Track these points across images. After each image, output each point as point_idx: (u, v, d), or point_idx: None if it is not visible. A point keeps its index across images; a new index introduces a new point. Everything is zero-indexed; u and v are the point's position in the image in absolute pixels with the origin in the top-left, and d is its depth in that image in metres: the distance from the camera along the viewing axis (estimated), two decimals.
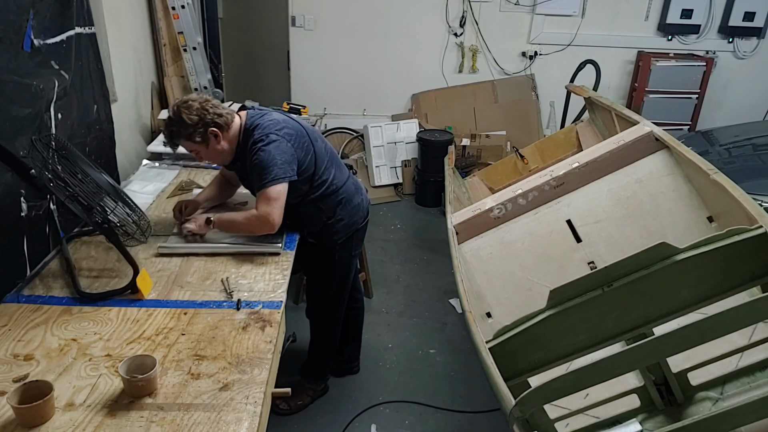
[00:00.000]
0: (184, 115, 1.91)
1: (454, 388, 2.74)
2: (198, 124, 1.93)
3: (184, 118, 1.92)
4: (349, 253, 2.33)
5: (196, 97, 1.97)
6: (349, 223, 2.25)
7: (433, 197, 4.70)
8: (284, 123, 2.03)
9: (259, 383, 1.44)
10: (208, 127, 1.94)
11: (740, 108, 5.27)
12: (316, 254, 2.29)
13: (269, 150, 1.94)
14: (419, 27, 5.07)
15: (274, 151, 1.94)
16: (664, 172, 2.40)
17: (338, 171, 2.22)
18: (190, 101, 1.94)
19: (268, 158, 1.93)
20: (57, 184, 1.60)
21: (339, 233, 2.24)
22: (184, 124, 1.92)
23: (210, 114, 1.94)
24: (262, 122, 2.00)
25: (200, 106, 1.93)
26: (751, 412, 1.28)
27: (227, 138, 2.00)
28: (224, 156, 2.05)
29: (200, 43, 3.53)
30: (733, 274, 1.66)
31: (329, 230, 2.22)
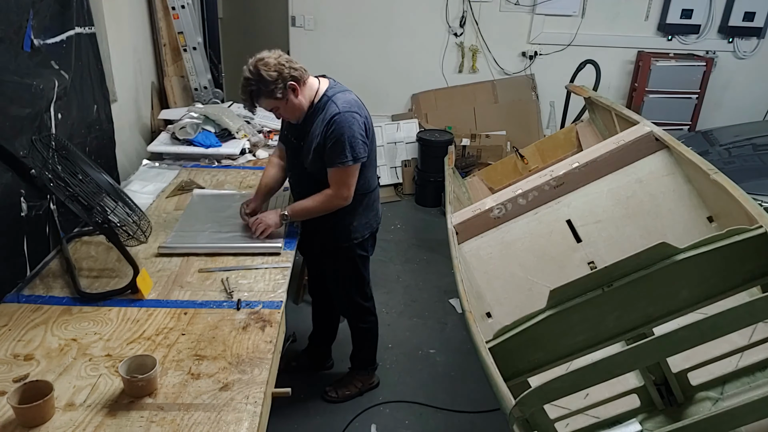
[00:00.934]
0: (263, 71, 1.91)
1: (454, 388, 2.74)
2: (278, 80, 1.92)
3: (264, 75, 1.91)
4: (365, 251, 2.35)
5: (270, 53, 1.96)
6: (365, 223, 2.26)
7: (433, 197, 4.70)
8: (363, 106, 2.08)
9: (259, 383, 1.44)
10: (287, 81, 1.94)
11: (740, 108, 5.27)
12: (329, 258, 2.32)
13: (353, 127, 1.97)
14: (419, 27, 5.07)
15: (357, 130, 1.98)
16: (664, 172, 2.40)
17: (374, 172, 2.24)
18: (266, 58, 1.94)
19: (353, 135, 1.97)
20: (57, 184, 1.60)
21: (356, 232, 2.24)
22: (264, 81, 1.91)
23: (287, 68, 1.94)
24: (346, 98, 2.02)
25: (276, 62, 1.93)
26: (751, 412, 1.28)
27: (304, 93, 2.01)
28: (301, 111, 2.04)
29: (200, 43, 3.53)
30: (733, 274, 1.66)
31: (346, 227, 2.21)
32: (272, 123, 3.45)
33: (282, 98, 1.96)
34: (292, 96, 1.97)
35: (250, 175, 2.78)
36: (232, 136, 3.08)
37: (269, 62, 1.92)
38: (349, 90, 2.11)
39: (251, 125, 3.27)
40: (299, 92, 1.99)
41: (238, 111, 3.42)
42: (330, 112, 1.98)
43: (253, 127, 3.27)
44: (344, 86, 2.12)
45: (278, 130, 3.40)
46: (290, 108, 2.01)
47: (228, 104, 3.58)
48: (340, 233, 2.22)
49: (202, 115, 3.05)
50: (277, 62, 1.93)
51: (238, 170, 2.84)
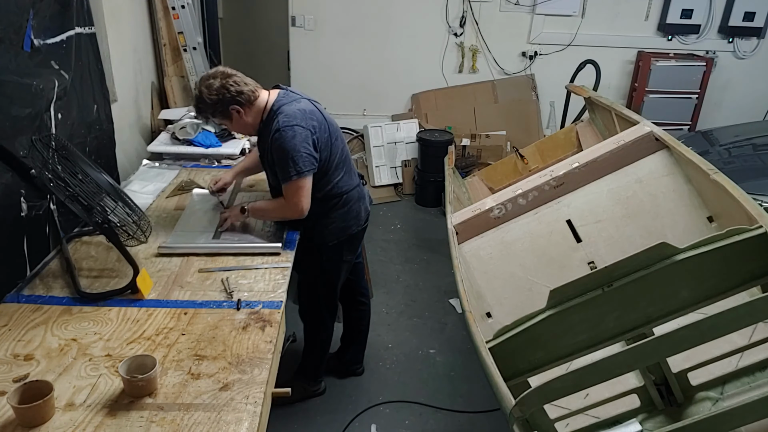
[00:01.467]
0: (204, 95, 1.97)
1: (454, 388, 2.74)
2: (218, 103, 1.98)
3: (205, 98, 1.98)
4: (339, 257, 2.31)
5: (219, 74, 1.99)
6: (341, 227, 2.24)
7: (433, 197, 4.70)
8: (311, 114, 2.04)
9: (259, 383, 1.44)
10: (229, 105, 1.99)
11: (740, 108, 5.27)
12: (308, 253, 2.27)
13: (295, 141, 1.96)
14: (419, 27, 5.07)
15: (299, 143, 1.97)
16: (664, 172, 2.40)
17: (347, 176, 2.22)
18: (211, 80, 1.98)
19: (294, 149, 1.96)
20: (57, 184, 1.60)
21: (330, 235, 2.24)
22: (204, 103, 1.99)
23: (230, 92, 1.97)
24: (290, 110, 2.01)
25: (221, 85, 1.96)
26: (751, 412, 1.28)
27: (250, 113, 2.04)
28: (249, 128, 2.10)
29: (200, 43, 3.53)
30: (733, 274, 1.66)
31: (321, 230, 2.22)
32: None
33: (225, 118, 2.04)
34: (236, 116, 2.02)
35: None
36: (232, 136, 3.08)
37: (212, 85, 1.97)
38: (299, 99, 2.09)
39: None
40: (243, 113, 2.02)
41: None
42: (273, 127, 1.99)
43: None
44: (296, 95, 2.11)
45: None
46: (236, 125, 2.08)
47: None
48: (315, 232, 2.23)
49: None
50: (221, 85, 1.96)
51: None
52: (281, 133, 1.96)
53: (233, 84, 1.98)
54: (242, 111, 2.01)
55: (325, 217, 2.20)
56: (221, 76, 1.98)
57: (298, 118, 1.99)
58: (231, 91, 1.97)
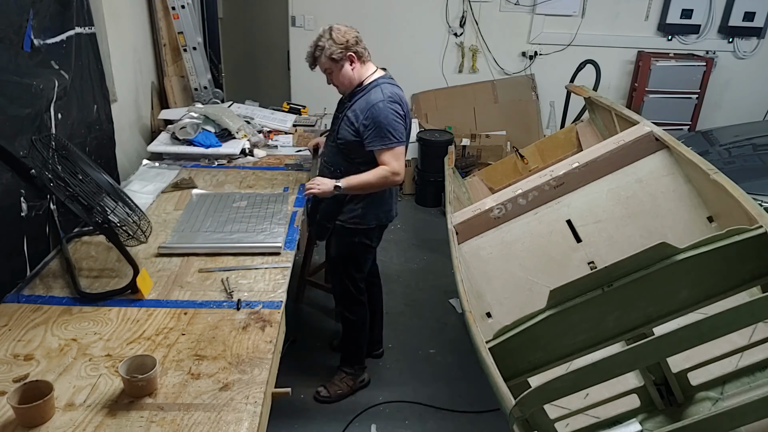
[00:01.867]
0: (335, 34, 2.18)
1: (454, 388, 2.74)
2: (342, 45, 2.17)
3: (333, 36, 2.17)
4: (370, 240, 2.46)
5: (347, 28, 2.22)
6: (380, 213, 2.39)
7: (433, 197, 4.70)
8: (405, 103, 2.28)
9: (259, 383, 1.44)
10: (349, 51, 2.19)
11: (740, 108, 5.27)
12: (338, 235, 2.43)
13: (395, 115, 2.18)
14: (419, 27, 5.07)
15: (397, 118, 2.20)
16: (664, 172, 2.40)
17: None
18: (341, 27, 2.21)
19: (394, 121, 2.18)
20: (57, 184, 1.60)
21: (363, 219, 2.36)
22: (332, 41, 2.17)
23: (354, 42, 2.19)
24: (394, 90, 2.25)
25: (348, 33, 2.19)
26: (751, 412, 1.28)
27: (358, 70, 2.24)
28: (350, 83, 2.26)
29: (200, 43, 3.52)
30: (733, 274, 1.66)
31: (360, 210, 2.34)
32: (272, 123, 3.46)
33: (337, 62, 2.20)
34: (347, 64, 2.21)
35: (250, 175, 2.78)
36: (232, 136, 3.08)
37: (342, 30, 2.20)
38: (397, 86, 2.31)
39: (251, 125, 3.27)
40: (354, 65, 2.22)
41: (238, 111, 3.43)
42: (374, 97, 2.19)
43: (253, 127, 3.27)
44: (396, 82, 2.34)
45: (279, 130, 3.42)
46: (342, 75, 2.24)
47: (228, 104, 3.58)
48: (348, 215, 2.35)
49: (202, 115, 3.05)
50: (349, 34, 2.19)
51: (238, 170, 2.84)
52: (385, 104, 2.17)
53: (358, 41, 2.21)
54: (356, 63, 2.22)
55: (372, 199, 2.33)
56: (350, 30, 2.22)
57: (398, 98, 2.24)
58: (355, 42, 2.20)
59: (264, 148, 3.14)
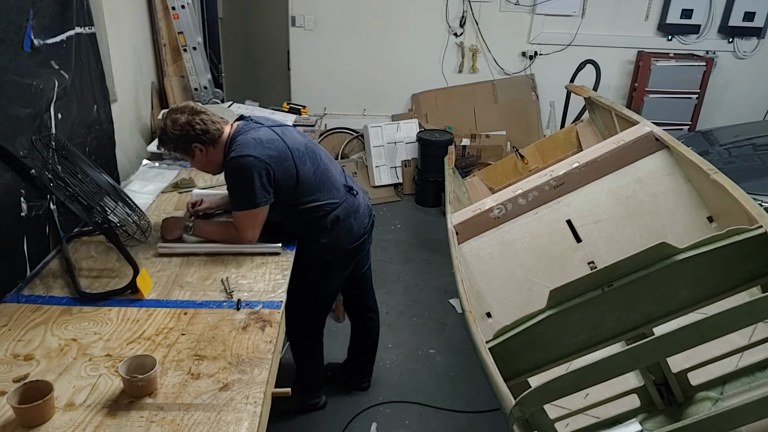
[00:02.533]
0: (168, 128, 1.92)
1: (454, 388, 2.74)
2: (180, 139, 1.92)
3: (167, 132, 1.93)
4: (327, 275, 2.21)
5: (188, 109, 1.94)
6: (332, 246, 2.13)
7: (433, 197, 4.70)
8: (269, 143, 1.94)
9: (259, 383, 1.44)
10: (192, 143, 1.93)
11: (740, 108, 5.27)
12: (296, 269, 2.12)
13: (246, 173, 1.89)
14: (419, 27, 5.07)
15: (252, 174, 1.89)
16: (664, 172, 2.40)
17: (328, 194, 2.08)
18: (178, 114, 1.92)
19: (246, 181, 1.89)
20: (57, 184, 1.60)
21: (320, 254, 2.14)
22: (167, 136, 1.94)
23: (195, 130, 1.91)
24: (244, 139, 1.93)
25: (186, 122, 1.91)
26: (751, 412, 1.28)
27: (214, 152, 1.97)
28: (212, 167, 2.04)
29: (200, 43, 3.53)
30: (733, 274, 1.66)
31: (308, 251, 2.12)
32: None
33: (187, 154, 1.98)
34: (198, 154, 1.96)
35: None
36: None
37: (178, 120, 1.91)
38: (257, 127, 2.00)
39: None
40: (205, 152, 1.96)
41: (238, 111, 3.43)
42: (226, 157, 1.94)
43: None
44: (256, 124, 2.03)
45: None
46: (198, 163, 2.02)
47: (228, 104, 3.59)
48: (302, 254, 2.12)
49: None
50: (186, 122, 1.91)
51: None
52: (231, 163, 1.90)
53: (199, 122, 1.92)
54: (204, 149, 1.95)
55: (315, 240, 2.11)
56: (189, 111, 1.93)
57: (250, 147, 1.90)
58: (196, 129, 1.91)
59: None
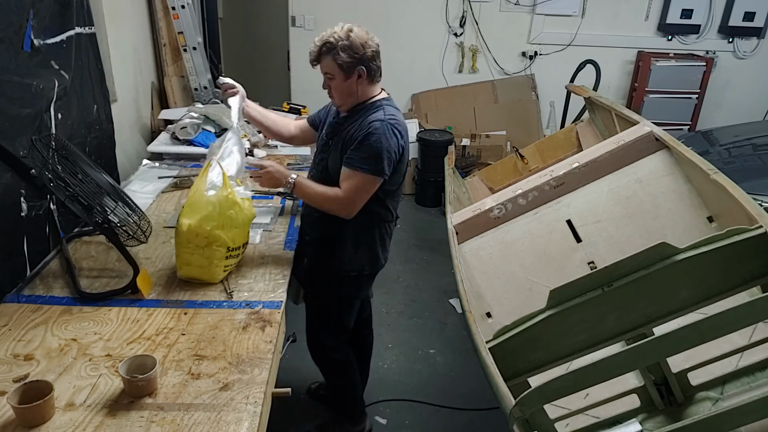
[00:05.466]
0: (353, 38, 1.84)
1: (454, 387, 2.74)
2: (357, 55, 1.84)
3: (351, 40, 1.83)
4: (356, 290, 2.17)
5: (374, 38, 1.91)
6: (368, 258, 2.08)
7: (433, 197, 4.70)
8: (406, 132, 1.95)
9: (259, 383, 1.44)
10: (360, 64, 1.86)
11: (740, 108, 5.27)
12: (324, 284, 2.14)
13: (390, 142, 1.86)
14: (419, 27, 5.07)
15: (392, 146, 1.87)
16: (664, 172, 2.40)
17: (396, 207, 2.09)
18: (364, 35, 1.87)
19: (386, 148, 1.85)
20: (57, 184, 1.60)
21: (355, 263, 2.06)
22: (350, 45, 1.83)
23: (372, 55, 1.88)
24: (396, 115, 1.93)
25: (368, 46, 1.86)
26: (751, 412, 1.28)
27: (364, 87, 1.92)
28: (350, 100, 1.94)
29: (200, 43, 3.53)
30: (733, 274, 1.66)
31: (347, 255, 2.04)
32: None
33: (345, 71, 1.86)
34: (354, 78, 1.88)
35: None
36: None
37: (362, 36, 1.86)
38: (399, 112, 1.99)
39: (251, 125, 3.26)
40: (361, 81, 1.89)
41: None
42: (374, 117, 1.88)
43: (253, 127, 3.26)
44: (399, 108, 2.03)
45: None
46: (343, 87, 1.90)
47: None
48: (338, 260, 2.04)
49: (202, 115, 3.05)
50: (369, 44, 1.86)
51: None
52: (384, 126, 1.85)
53: (375, 52, 1.90)
54: (363, 78, 1.89)
55: (359, 240, 2.02)
56: (372, 38, 1.89)
57: (401, 124, 1.92)
58: (373, 55, 1.89)
59: (264, 148, 3.14)
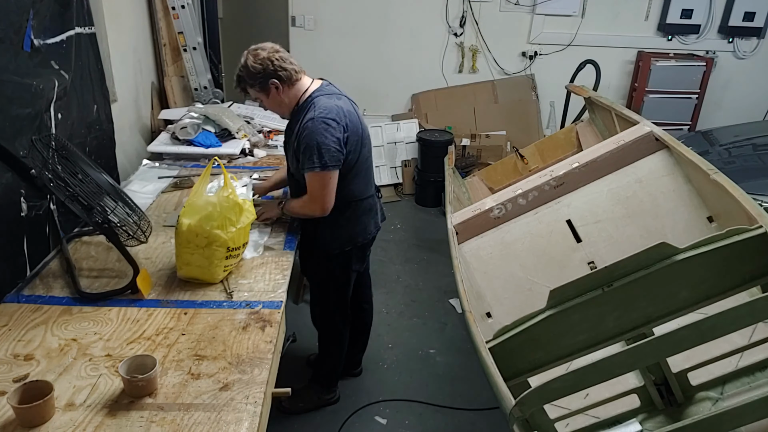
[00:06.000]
0: (249, 62, 1.96)
1: (454, 388, 2.74)
2: (259, 74, 1.96)
3: (249, 65, 1.96)
4: (348, 266, 2.26)
5: (268, 46, 1.99)
6: (348, 236, 2.19)
7: (433, 197, 4.70)
8: (347, 114, 2.02)
9: (259, 383, 1.44)
10: (270, 78, 1.97)
11: (740, 108, 5.27)
12: (315, 259, 2.27)
13: (326, 134, 1.93)
14: (419, 27, 5.07)
15: (330, 137, 1.93)
16: (664, 172, 2.40)
17: (364, 184, 2.16)
18: (258, 50, 1.97)
19: (323, 142, 1.92)
20: (57, 184, 1.60)
21: (334, 242, 2.18)
22: (248, 71, 1.97)
23: (274, 65, 1.96)
24: (329, 103, 1.98)
25: (266, 56, 1.96)
26: (751, 412, 1.28)
27: (288, 93, 2.02)
28: (284, 109, 2.07)
29: (200, 43, 3.53)
30: (733, 274, 1.66)
31: (326, 236, 2.17)
32: (272, 123, 3.45)
33: (262, 91, 2.01)
34: (273, 92, 2.00)
35: None
36: (232, 136, 3.08)
37: (259, 54, 1.96)
38: (339, 95, 2.08)
39: (251, 125, 3.27)
40: (281, 91, 2.00)
41: (238, 111, 3.43)
42: (306, 117, 1.96)
43: (253, 127, 3.27)
44: (337, 90, 2.10)
45: (279, 130, 3.42)
46: (272, 103, 2.05)
47: (228, 104, 3.58)
48: (320, 240, 2.17)
49: (202, 115, 3.05)
50: (267, 57, 1.96)
51: (238, 170, 2.84)
52: (313, 123, 1.93)
53: (278, 59, 1.97)
54: (281, 88, 1.99)
55: (332, 222, 2.12)
56: (269, 49, 1.98)
57: (334, 113, 1.96)
58: (275, 64, 1.96)
59: (264, 148, 3.14)
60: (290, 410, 2.53)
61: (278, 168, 2.79)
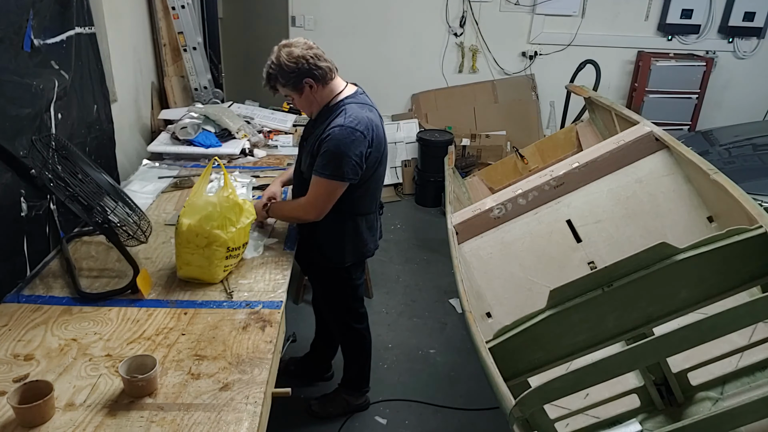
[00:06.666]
0: (283, 60, 1.88)
1: (454, 388, 2.74)
2: (293, 72, 1.88)
3: (282, 63, 1.88)
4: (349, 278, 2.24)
5: (301, 43, 1.92)
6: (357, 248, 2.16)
7: (433, 197, 4.70)
8: (375, 128, 1.96)
9: (259, 383, 1.44)
10: (304, 77, 1.90)
11: (740, 108, 5.27)
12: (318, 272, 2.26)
13: (352, 145, 1.87)
14: (419, 27, 5.07)
15: (354, 149, 1.88)
16: (664, 172, 2.40)
17: (370, 201, 2.14)
18: (292, 47, 1.89)
19: (347, 153, 1.87)
20: (57, 184, 1.60)
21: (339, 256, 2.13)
22: (281, 69, 1.89)
23: (309, 64, 1.89)
24: (360, 113, 1.92)
25: (300, 54, 1.88)
26: (751, 412, 1.28)
27: (321, 92, 1.95)
28: (314, 107, 2.00)
29: (200, 43, 3.53)
30: (733, 274, 1.66)
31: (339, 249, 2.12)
32: (272, 123, 3.46)
33: (294, 90, 1.94)
34: (307, 90, 1.93)
35: None
36: (232, 136, 3.08)
37: (293, 52, 1.88)
38: (371, 106, 2.03)
39: (251, 125, 3.27)
40: (315, 90, 1.93)
41: (238, 111, 3.43)
42: (335, 122, 1.90)
43: (253, 127, 3.27)
44: (369, 101, 2.05)
45: (279, 130, 3.42)
46: (303, 101, 1.98)
47: (228, 104, 3.58)
48: (325, 253, 2.13)
49: (202, 115, 3.05)
50: (301, 55, 1.88)
51: (238, 170, 2.84)
52: (342, 130, 1.87)
53: (313, 57, 1.90)
54: (315, 87, 1.93)
55: (340, 234, 2.09)
56: (303, 45, 1.91)
57: (364, 125, 1.90)
58: (310, 63, 1.89)
59: (264, 148, 3.14)
60: (320, 415, 2.52)
61: (278, 168, 2.79)
